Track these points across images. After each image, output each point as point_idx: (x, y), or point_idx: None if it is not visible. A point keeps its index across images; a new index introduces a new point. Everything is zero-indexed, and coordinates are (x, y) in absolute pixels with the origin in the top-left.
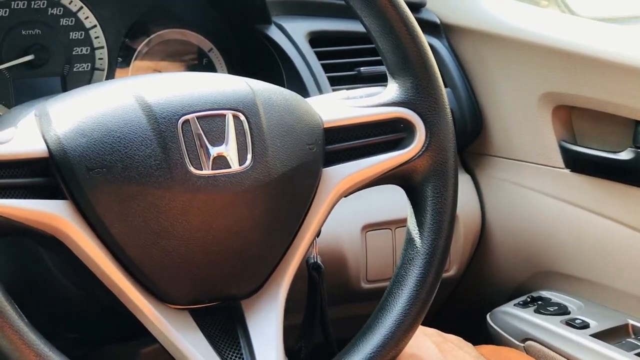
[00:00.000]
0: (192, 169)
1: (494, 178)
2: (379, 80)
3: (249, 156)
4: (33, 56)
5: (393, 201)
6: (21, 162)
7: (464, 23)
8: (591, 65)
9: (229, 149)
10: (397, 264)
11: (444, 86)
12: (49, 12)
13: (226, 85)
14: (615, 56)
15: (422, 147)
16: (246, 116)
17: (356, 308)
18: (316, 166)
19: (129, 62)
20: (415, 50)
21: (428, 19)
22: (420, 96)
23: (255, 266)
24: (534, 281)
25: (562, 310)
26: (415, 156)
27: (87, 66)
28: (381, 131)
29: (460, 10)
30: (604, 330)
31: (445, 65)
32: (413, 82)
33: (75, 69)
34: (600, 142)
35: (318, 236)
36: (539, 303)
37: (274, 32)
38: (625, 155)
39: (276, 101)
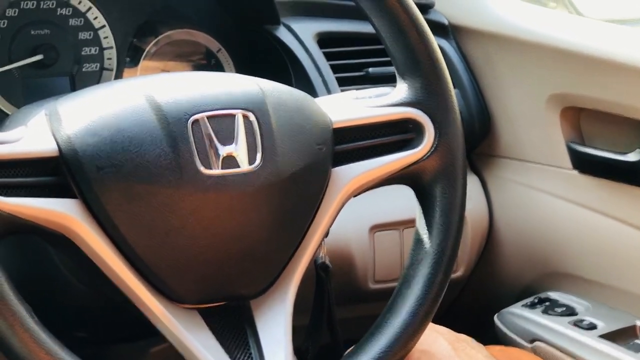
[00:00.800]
0: (202, 169)
1: (502, 179)
2: (387, 80)
3: (259, 156)
4: (42, 56)
5: (401, 202)
6: (31, 161)
7: (472, 24)
8: (599, 66)
9: (239, 149)
10: (405, 265)
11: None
12: (58, 12)
13: (236, 85)
14: (623, 57)
15: (431, 148)
16: (256, 116)
17: (363, 308)
18: (325, 166)
19: (137, 62)
20: (424, 50)
21: (436, 20)
22: (429, 97)
23: (264, 266)
24: (542, 282)
25: (570, 311)
26: (424, 156)
27: (96, 66)
28: (390, 131)
29: (468, 11)
30: (612, 331)
31: (453, 66)
32: (422, 83)
33: (84, 69)
34: (608, 144)
35: (326, 236)
36: (547, 304)
37: (283, 33)
38: (633, 156)
39: (286, 101)
